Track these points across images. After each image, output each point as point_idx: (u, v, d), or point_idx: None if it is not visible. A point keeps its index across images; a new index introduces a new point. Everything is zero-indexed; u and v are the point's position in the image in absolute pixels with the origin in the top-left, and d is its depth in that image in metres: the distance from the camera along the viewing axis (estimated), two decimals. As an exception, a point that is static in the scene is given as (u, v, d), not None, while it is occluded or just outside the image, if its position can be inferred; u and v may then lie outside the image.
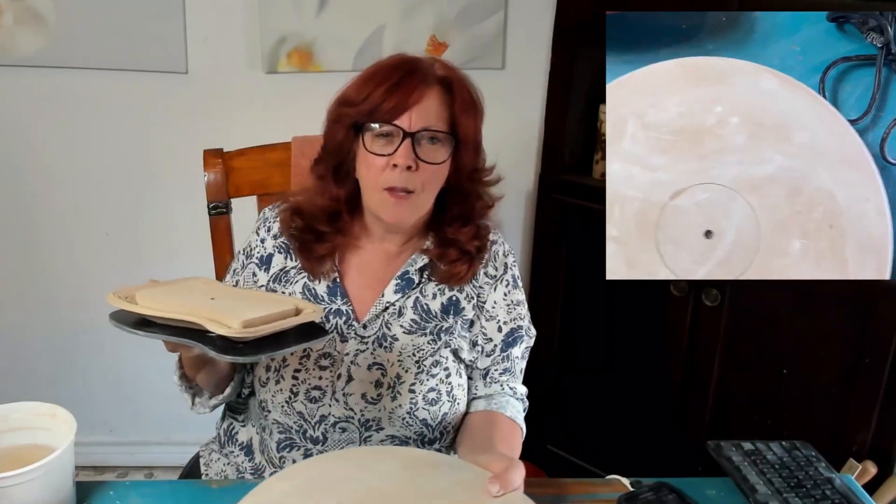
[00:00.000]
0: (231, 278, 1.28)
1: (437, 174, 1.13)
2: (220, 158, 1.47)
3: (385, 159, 1.10)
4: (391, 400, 1.16)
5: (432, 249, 1.20)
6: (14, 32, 1.91)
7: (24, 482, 0.88)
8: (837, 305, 1.61)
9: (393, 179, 1.10)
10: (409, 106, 1.09)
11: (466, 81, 1.17)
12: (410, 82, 1.10)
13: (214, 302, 0.97)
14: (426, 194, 1.14)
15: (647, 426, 1.96)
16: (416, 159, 1.09)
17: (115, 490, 1.05)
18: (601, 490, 1.08)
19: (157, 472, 2.34)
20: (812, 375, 1.68)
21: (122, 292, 0.99)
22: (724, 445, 1.12)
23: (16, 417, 0.99)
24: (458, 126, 1.14)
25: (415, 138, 1.09)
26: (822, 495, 1.02)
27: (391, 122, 1.09)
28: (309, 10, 1.94)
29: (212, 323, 0.90)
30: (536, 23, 2.01)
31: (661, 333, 1.88)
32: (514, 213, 2.19)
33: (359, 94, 1.12)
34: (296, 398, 1.17)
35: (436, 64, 1.14)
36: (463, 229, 1.19)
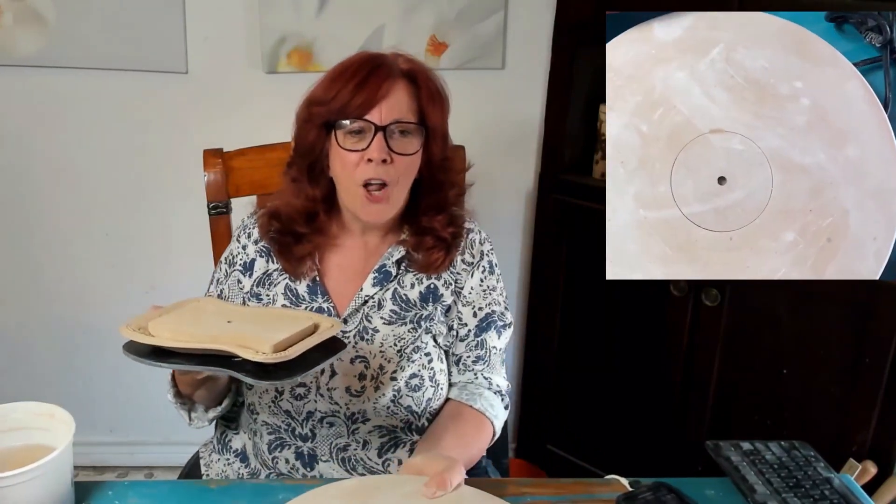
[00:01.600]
0: (215, 288, 1.29)
1: (410, 165, 1.15)
2: (220, 158, 1.48)
3: (359, 154, 1.12)
4: (374, 390, 1.18)
5: (408, 240, 1.22)
6: (14, 32, 1.91)
7: (22, 482, 0.88)
8: (837, 305, 1.61)
9: (369, 173, 1.12)
10: (378, 100, 1.11)
11: (431, 73, 1.18)
12: (377, 77, 1.12)
13: (233, 325, 0.97)
14: (401, 187, 1.16)
15: (647, 426, 1.96)
16: (390, 152, 1.12)
17: (113, 490, 1.05)
18: (600, 490, 1.08)
19: (157, 472, 2.34)
20: (812, 375, 1.68)
21: (134, 323, 0.97)
22: (722, 445, 1.12)
23: (15, 417, 0.99)
24: (427, 117, 1.16)
25: (387, 132, 1.11)
26: (821, 495, 1.02)
27: (362, 118, 1.11)
28: (309, 10, 1.94)
29: (243, 349, 0.91)
30: (536, 23, 2.01)
31: (661, 333, 1.88)
32: (514, 213, 2.19)
33: (327, 92, 1.13)
34: (281, 397, 1.19)
35: (399, 58, 1.16)
36: (437, 217, 1.21)
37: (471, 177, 1.37)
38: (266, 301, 1.23)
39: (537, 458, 2.19)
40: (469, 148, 1.49)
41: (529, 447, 2.23)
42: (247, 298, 1.24)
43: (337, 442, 1.18)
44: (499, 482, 1.25)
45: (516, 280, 2.22)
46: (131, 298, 2.20)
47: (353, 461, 1.19)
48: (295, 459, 1.20)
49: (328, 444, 1.18)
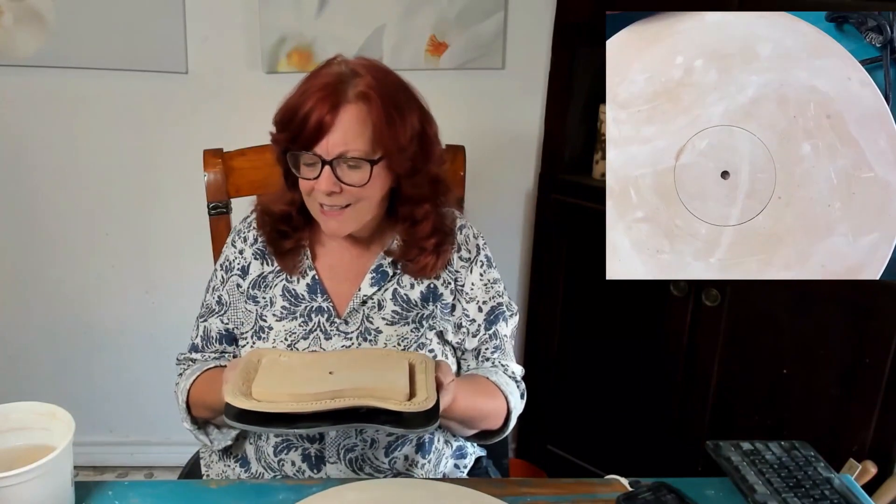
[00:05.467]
0: (211, 295, 1.28)
1: (364, 192, 1.13)
2: (220, 158, 1.48)
3: (311, 182, 1.12)
4: None
5: (395, 251, 1.23)
6: (14, 32, 1.91)
7: (22, 482, 0.88)
8: (837, 305, 1.61)
9: (322, 198, 1.13)
10: (324, 132, 1.09)
11: (392, 88, 1.13)
12: (324, 106, 1.09)
13: (340, 377, 0.99)
14: (362, 204, 1.15)
15: (647, 426, 1.96)
16: (338, 182, 1.11)
17: (113, 490, 1.05)
18: (600, 490, 1.08)
19: (157, 472, 2.34)
20: (812, 375, 1.68)
21: (233, 391, 0.96)
22: (722, 445, 1.12)
23: (15, 417, 0.99)
24: (381, 137, 1.11)
25: (333, 164, 1.10)
26: (821, 495, 1.02)
27: (310, 151, 1.10)
28: (309, 10, 1.94)
29: (382, 401, 0.94)
30: (536, 23, 2.01)
31: (661, 333, 1.88)
32: (514, 213, 2.19)
33: (282, 120, 1.14)
34: None
35: (356, 79, 1.11)
36: (414, 229, 1.21)
37: (471, 177, 1.37)
38: (263, 303, 1.22)
39: (537, 458, 2.19)
40: (469, 148, 1.49)
41: (529, 447, 2.23)
42: (245, 301, 1.24)
43: (345, 443, 1.18)
44: (499, 482, 1.25)
45: (516, 280, 2.22)
46: (131, 298, 2.20)
47: (360, 461, 1.19)
48: (301, 461, 1.19)
49: (336, 445, 1.18)
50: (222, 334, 1.26)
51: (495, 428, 1.21)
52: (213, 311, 1.27)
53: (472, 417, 1.16)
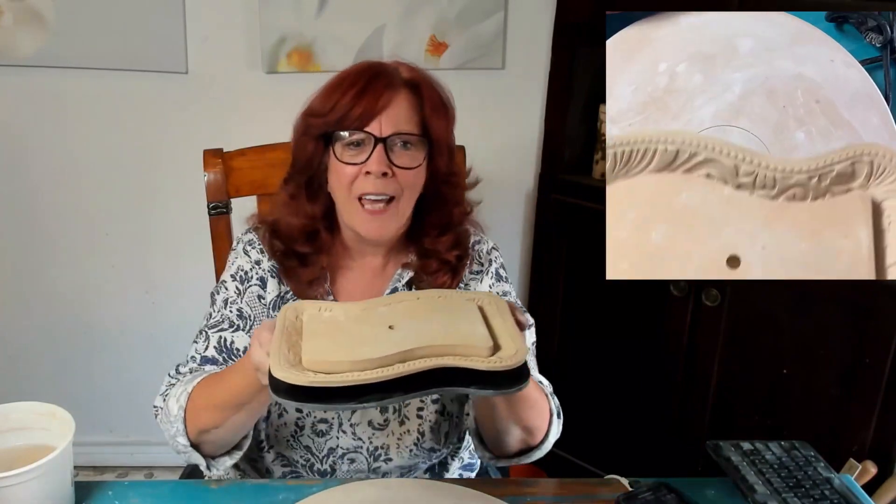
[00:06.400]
0: (227, 308, 1.15)
1: (413, 179, 1.08)
2: (220, 158, 1.47)
3: (357, 168, 1.06)
4: (399, 425, 1.15)
5: (414, 262, 1.16)
6: (14, 32, 1.91)
7: (22, 482, 0.88)
8: (837, 305, 1.61)
9: (367, 187, 1.06)
10: (377, 111, 1.05)
11: (434, 82, 1.12)
12: (377, 87, 1.06)
13: (403, 332, 0.81)
14: (405, 201, 1.09)
15: (647, 426, 1.96)
16: (391, 165, 1.05)
17: (113, 490, 1.05)
18: (600, 490, 1.08)
19: (157, 472, 2.34)
20: (812, 375, 1.68)
21: (279, 360, 0.78)
22: (722, 445, 1.12)
23: (15, 417, 0.99)
24: (430, 129, 1.09)
25: (387, 143, 1.05)
26: (821, 495, 1.02)
27: (361, 129, 1.05)
28: (309, 10, 1.94)
29: (461, 359, 0.77)
30: (536, 23, 2.01)
31: (661, 333, 1.88)
32: (514, 213, 2.19)
33: (325, 103, 1.08)
34: (301, 432, 1.15)
35: (400, 67, 1.10)
36: (441, 238, 1.15)
37: (470, 177, 1.36)
38: None
39: (537, 458, 2.19)
40: (469, 148, 1.49)
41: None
42: (268, 317, 1.15)
43: (357, 477, 1.15)
44: (499, 482, 1.25)
45: (516, 280, 2.22)
46: (131, 298, 2.20)
47: None
48: None
49: (346, 479, 1.12)
50: None
51: (539, 427, 1.08)
52: (234, 326, 1.14)
53: (525, 393, 0.99)
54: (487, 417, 1.05)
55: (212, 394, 1.01)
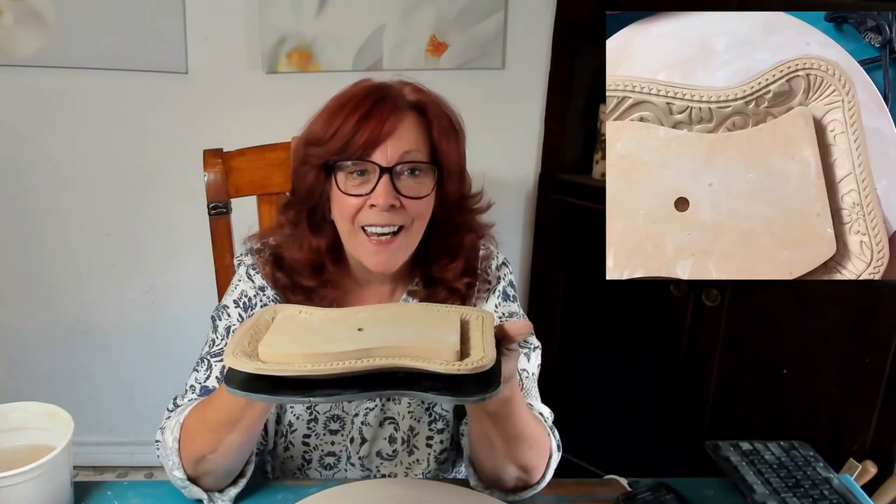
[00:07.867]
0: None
1: (423, 209, 1.02)
2: (220, 158, 1.47)
3: (362, 199, 0.99)
4: (408, 455, 1.14)
5: (419, 291, 1.10)
6: (14, 32, 1.91)
7: (21, 482, 0.88)
8: (837, 305, 1.61)
9: (372, 219, 0.99)
10: (383, 137, 0.97)
11: (442, 103, 1.05)
12: (381, 111, 0.98)
13: (370, 334, 0.79)
14: (415, 230, 1.03)
15: (647, 426, 1.96)
16: (398, 196, 0.98)
17: (113, 490, 1.05)
18: (599, 490, 1.08)
19: (157, 473, 2.34)
20: (812, 375, 1.68)
21: (234, 351, 0.77)
22: (722, 445, 1.12)
23: (15, 417, 0.99)
24: (440, 153, 1.03)
25: (393, 173, 0.97)
26: (820, 495, 1.02)
27: (365, 159, 0.98)
28: (309, 10, 1.94)
29: (424, 362, 0.74)
30: (536, 23, 2.01)
31: (661, 333, 1.88)
32: (514, 213, 2.19)
33: (326, 129, 1.00)
34: (309, 465, 1.14)
35: (405, 88, 1.03)
36: (450, 266, 1.08)
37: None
38: None
39: (537, 458, 2.19)
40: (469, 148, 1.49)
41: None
42: None
43: None
44: (498, 482, 1.25)
45: (517, 280, 2.21)
46: (131, 298, 2.20)
47: None
48: None
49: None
50: None
51: (537, 466, 1.01)
52: None
53: (522, 432, 0.95)
54: (484, 454, 1.00)
55: (203, 417, 0.95)
